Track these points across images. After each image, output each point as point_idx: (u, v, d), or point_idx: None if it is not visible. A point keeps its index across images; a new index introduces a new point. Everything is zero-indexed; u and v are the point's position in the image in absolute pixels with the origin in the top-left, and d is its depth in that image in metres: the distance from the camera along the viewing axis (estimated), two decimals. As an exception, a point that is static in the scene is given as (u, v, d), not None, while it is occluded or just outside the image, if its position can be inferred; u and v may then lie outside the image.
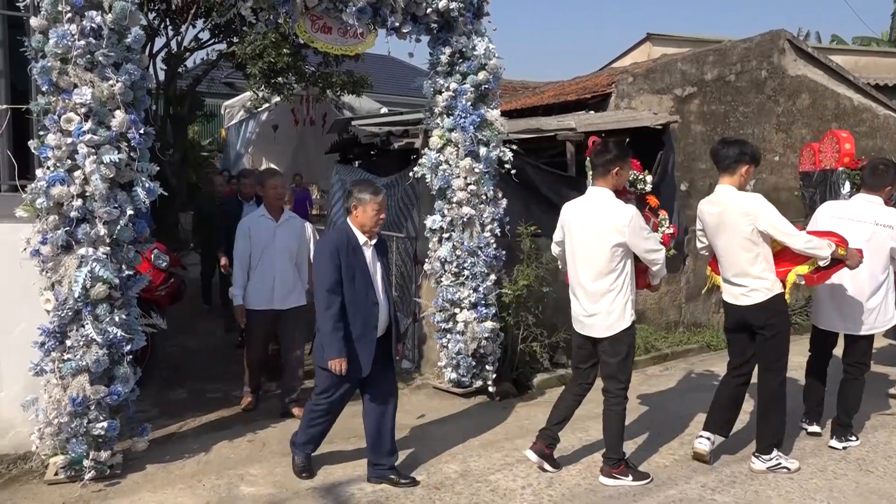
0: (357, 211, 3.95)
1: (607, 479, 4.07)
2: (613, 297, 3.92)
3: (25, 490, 3.96)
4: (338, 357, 3.82)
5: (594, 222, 3.93)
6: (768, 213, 3.96)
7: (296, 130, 13.96)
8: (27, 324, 4.07)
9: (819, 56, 8.68)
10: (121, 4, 3.81)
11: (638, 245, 3.88)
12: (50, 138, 3.80)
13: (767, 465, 4.20)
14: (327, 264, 3.86)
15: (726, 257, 4.14)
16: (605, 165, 3.96)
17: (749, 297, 4.07)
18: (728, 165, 4.10)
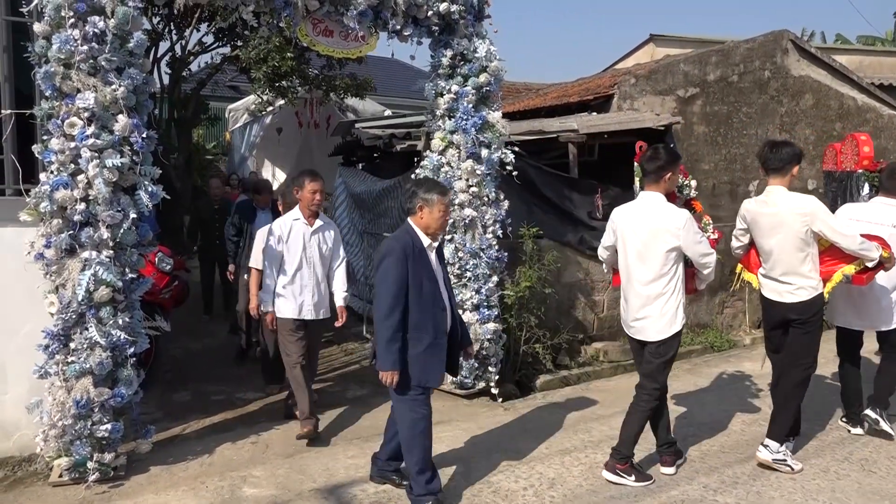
0: (423, 212, 3.73)
1: (610, 474, 4.09)
2: (666, 300, 3.96)
3: (30, 492, 3.99)
4: (391, 370, 3.60)
5: (648, 226, 3.97)
6: (824, 215, 4.10)
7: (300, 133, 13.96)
8: (32, 326, 4.10)
9: (822, 56, 8.66)
10: (123, 10, 3.85)
11: (692, 248, 3.94)
12: (53, 143, 3.84)
13: (774, 456, 4.22)
14: (396, 269, 3.60)
15: (776, 256, 4.21)
16: (656, 171, 4.02)
17: (794, 295, 4.18)
18: (780, 167, 4.18)
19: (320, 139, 13.55)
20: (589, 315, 6.87)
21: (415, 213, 3.75)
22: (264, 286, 4.82)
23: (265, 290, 4.81)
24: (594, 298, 6.88)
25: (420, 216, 3.74)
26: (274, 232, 4.74)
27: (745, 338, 7.65)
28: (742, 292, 7.93)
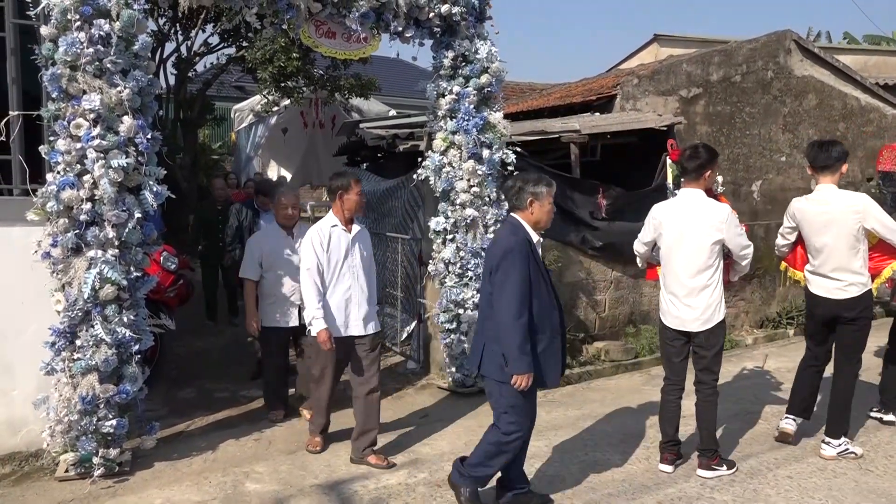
0: (533, 206, 3.59)
1: (706, 472, 4.19)
2: (711, 291, 4.10)
3: (37, 487, 4.05)
4: (527, 372, 3.42)
5: (692, 221, 4.09)
6: (877, 212, 4.23)
7: (305, 133, 14.05)
8: (39, 324, 4.17)
9: (825, 56, 8.67)
10: (128, 13, 3.91)
11: (733, 241, 4.08)
12: (60, 143, 3.91)
13: (837, 450, 4.40)
14: (520, 266, 3.42)
15: (828, 254, 4.33)
16: (697, 169, 4.13)
17: (845, 292, 4.30)
18: (830, 165, 4.30)
19: (325, 139, 13.63)
20: (591, 314, 6.91)
21: (524, 209, 3.60)
22: (311, 300, 4.25)
23: (311, 305, 4.25)
24: (596, 298, 6.91)
25: (530, 211, 3.60)
26: (314, 240, 4.31)
27: (747, 338, 7.67)
28: (742, 292, 7.97)
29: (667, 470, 4.26)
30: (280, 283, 5.01)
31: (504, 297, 3.41)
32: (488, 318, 3.57)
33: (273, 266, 5.01)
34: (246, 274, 5.06)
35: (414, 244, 6.66)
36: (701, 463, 4.22)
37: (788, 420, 4.70)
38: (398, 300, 7.03)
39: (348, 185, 4.37)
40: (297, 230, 5.09)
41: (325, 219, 4.44)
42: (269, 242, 5.08)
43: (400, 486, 4.06)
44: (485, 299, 3.63)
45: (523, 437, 3.67)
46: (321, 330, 4.20)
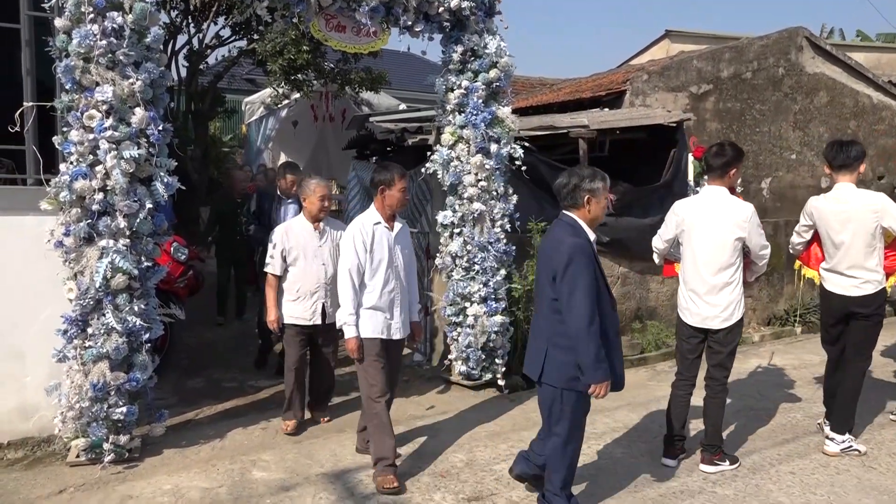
0: (591, 204, 3.46)
1: (709, 467, 4.22)
2: (732, 289, 4.12)
3: (49, 471, 4.13)
4: (605, 380, 3.31)
5: (716, 219, 4.11)
6: (895, 211, 4.28)
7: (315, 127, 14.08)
8: (51, 312, 4.24)
9: (837, 53, 8.62)
10: (141, 5, 3.96)
11: (754, 240, 4.10)
12: (73, 134, 3.96)
13: (841, 447, 4.44)
14: (587, 271, 3.30)
15: (845, 251, 4.38)
16: (723, 167, 4.15)
17: (860, 289, 4.37)
18: (849, 164, 4.37)
19: (336, 132, 13.66)
20: (597, 309, 6.91)
21: (580, 206, 3.46)
22: (347, 303, 4.01)
23: (346, 308, 4.00)
24: (602, 293, 6.92)
25: (588, 209, 3.46)
26: (356, 239, 4.05)
27: (754, 335, 7.67)
28: (750, 290, 7.95)
29: (670, 464, 4.29)
30: (305, 278, 4.71)
31: (575, 305, 3.26)
32: (550, 323, 3.42)
33: (298, 261, 4.73)
34: (269, 268, 4.78)
35: (421, 237, 6.69)
36: (704, 458, 4.25)
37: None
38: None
39: (392, 180, 4.09)
40: (324, 223, 4.79)
41: (366, 215, 4.16)
42: (295, 236, 4.74)
43: (404, 475, 4.10)
44: (546, 303, 3.46)
45: (580, 443, 3.59)
46: (352, 338, 3.98)
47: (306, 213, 4.76)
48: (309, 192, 4.69)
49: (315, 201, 4.69)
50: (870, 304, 4.37)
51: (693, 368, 4.33)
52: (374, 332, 4.05)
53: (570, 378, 3.38)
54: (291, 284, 4.74)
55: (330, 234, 4.77)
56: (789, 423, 5.04)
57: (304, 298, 4.72)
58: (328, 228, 4.77)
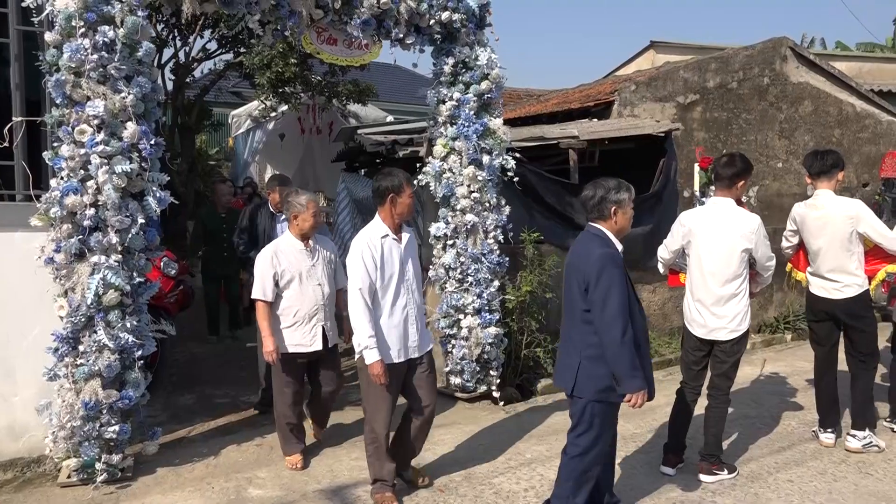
0: (617, 215, 3.43)
1: (708, 476, 4.22)
2: (738, 300, 4.15)
3: (39, 493, 4.05)
4: (642, 389, 3.28)
5: (723, 230, 4.13)
6: (869, 217, 4.42)
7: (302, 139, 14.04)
8: (41, 329, 4.17)
9: (821, 63, 8.73)
10: (132, 19, 3.93)
11: (760, 251, 4.14)
12: (64, 149, 3.91)
13: (862, 443, 4.58)
14: (620, 281, 3.29)
15: (824, 256, 4.53)
16: (731, 178, 4.19)
17: (841, 292, 4.50)
18: (827, 171, 4.52)
19: (322, 145, 13.64)
20: (589, 319, 6.92)
21: (607, 218, 3.43)
22: (363, 326, 3.66)
23: (363, 332, 3.66)
24: (595, 303, 6.93)
25: (614, 220, 3.43)
26: (364, 255, 3.71)
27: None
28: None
29: (669, 472, 4.29)
30: (303, 301, 4.33)
31: (608, 316, 3.24)
32: (582, 335, 3.37)
33: (293, 284, 4.33)
34: (260, 294, 4.32)
35: (414, 249, 6.67)
36: (702, 468, 4.24)
37: (827, 434, 4.75)
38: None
39: (400, 187, 3.77)
40: (313, 240, 4.47)
41: (372, 227, 3.83)
42: (286, 257, 4.34)
43: (402, 491, 4.06)
44: (577, 314, 3.39)
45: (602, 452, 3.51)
46: (375, 362, 3.64)
47: (295, 230, 4.38)
48: (300, 208, 4.34)
49: (308, 218, 4.35)
50: (853, 307, 4.49)
51: (699, 378, 4.35)
52: (390, 357, 3.76)
53: (602, 389, 3.34)
54: (287, 310, 4.34)
55: (320, 252, 4.48)
56: (785, 430, 5.05)
57: (303, 323, 4.35)
58: (317, 245, 4.48)
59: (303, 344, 4.37)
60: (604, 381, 3.32)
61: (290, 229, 4.41)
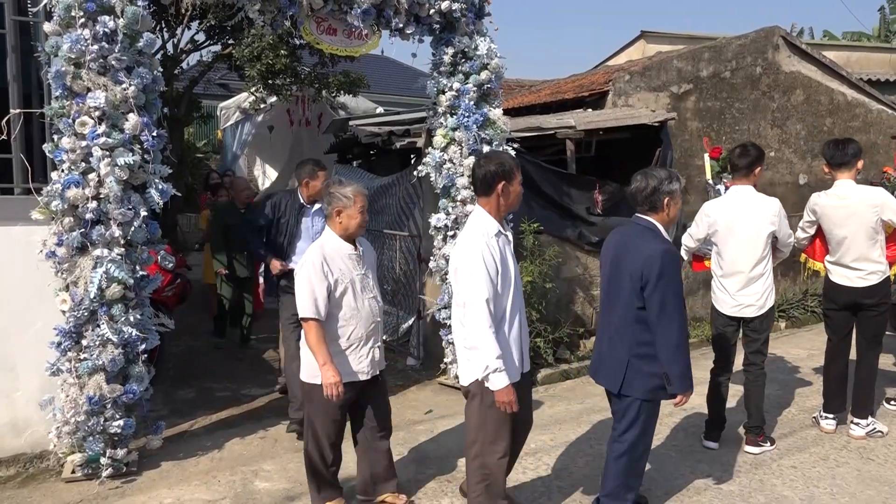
0: (670, 207, 3.37)
1: (754, 448, 4.45)
2: (766, 279, 4.38)
3: (44, 488, 4.01)
4: (691, 389, 3.28)
5: (749, 216, 4.33)
6: (893, 204, 4.47)
7: (291, 131, 13.96)
8: (42, 324, 4.13)
9: (813, 52, 8.78)
10: (133, 9, 3.87)
11: (783, 230, 4.37)
12: (64, 141, 3.86)
13: (866, 430, 4.69)
14: (677, 280, 3.24)
15: (848, 245, 4.58)
16: (748, 166, 4.39)
17: (865, 280, 4.57)
18: (847, 162, 4.56)
19: (312, 136, 13.56)
20: (588, 309, 6.95)
21: (659, 210, 3.36)
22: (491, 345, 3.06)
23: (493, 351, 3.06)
24: (592, 293, 6.95)
25: (666, 212, 3.36)
26: (486, 258, 3.12)
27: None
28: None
29: (713, 447, 4.51)
30: (358, 319, 3.53)
31: (667, 317, 3.18)
32: (633, 332, 3.30)
33: (346, 297, 3.49)
34: (312, 312, 3.39)
35: (413, 241, 6.66)
36: (749, 440, 4.49)
37: (828, 420, 4.83)
38: (397, 296, 7.03)
39: (511, 172, 3.25)
40: (359, 242, 3.67)
41: (482, 223, 3.25)
42: (335, 263, 3.48)
43: (409, 482, 4.07)
44: (628, 312, 3.30)
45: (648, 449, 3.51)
46: (506, 387, 3.08)
47: (339, 228, 3.52)
48: (345, 201, 3.48)
49: (355, 214, 3.50)
50: (876, 294, 4.57)
51: (731, 356, 4.57)
52: (515, 376, 3.25)
53: (653, 388, 3.30)
54: (341, 330, 3.49)
55: (367, 257, 3.70)
56: (786, 417, 5.11)
57: (359, 346, 3.54)
58: (364, 249, 3.68)
59: (359, 371, 3.54)
60: (654, 380, 3.28)
61: (333, 228, 3.55)
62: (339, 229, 3.52)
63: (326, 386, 3.34)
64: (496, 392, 3.09)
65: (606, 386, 3.47)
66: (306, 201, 4.88)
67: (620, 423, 3.42)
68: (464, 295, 3.14)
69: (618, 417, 3.44)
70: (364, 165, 9.68)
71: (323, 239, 3.57)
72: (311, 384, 3.49)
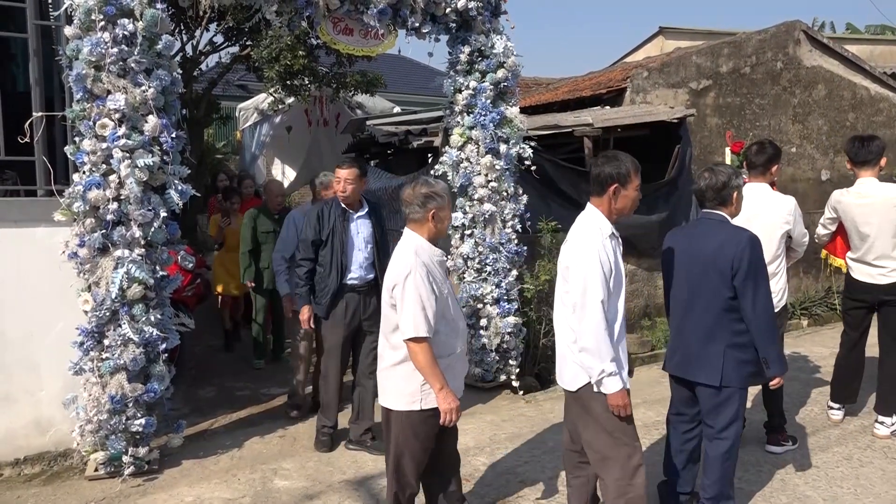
0: (736, 201, 3.47)
1: (776, 447, 4.41)
2: (779, 278, 4.25)
3: (68, 486, 4.07)
4: (786, 370, 3.38)
5: (763, 214, 4.22)
6: None
7: (309, 131, 14.01)
8: (64, 324, 4.19)
9: (834, 46, 8.66)
10: (151, 12, 3.91)
11: (798, 230, 4.27)
12: (85, 144, 3.91)
13: (891, 429, 4.61)
14: (764, 261, 3.37)
15: (871, 243, 4.53)
16: (765, 164, 4.33)
17: (888, 277, 4.52)
18: (871, 160, 4.52)
19: (329, 136, 13.61)
20: (606, 308, 6.91)
21: (729, 204, 3.44)
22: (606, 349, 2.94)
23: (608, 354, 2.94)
24: (611, 291, 6.92)
25: (734, 206, 3.48)
26: (601, 258, 2.97)
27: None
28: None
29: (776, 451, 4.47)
30: (456, 333, 3.22)
31: (760, 300, 3.26)
32: (725, 322, 3.31)
33: (446, 311, 3.15)
34: (425, 330, 2.99)
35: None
36: (771, 439, 4.43)
37: (834, 410, 4.89)
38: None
39: (628, 176, 3.04)
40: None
41: (597, 222, 3.07)
42: (434, 270, 3.11)
43: (428, 480, 4.07)
44: (718, 302, 3.31)
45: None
46: (622, 390, 2.96)
47: (431, 233, 3.17)
48: (439, 200, 3.16)
49: (449, 215, 3.25)
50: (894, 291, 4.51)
51: None
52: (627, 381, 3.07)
53: (748, 375, 3.34)
54: (442, 347, 3.12)
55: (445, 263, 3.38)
56: (808, 416, 5.04)
57: (456, 363, 3.24)
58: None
59: (457, 389, 3.21)
60: (750, 366, 3.32)
61: (421, 232, 3.16)
62: (431, 233, 3.17)
63: (445, 412, 3.05)
64: (609, 396, 2.97)
65: (705, 381, 3.38)
66: (347, 206, 4.47)
67: (719, 418, 3.38)
68: (577, 295, 2.98)
69: (714, 414, 3.40)
70: (381, 165, 9.70)
71: (413, 244, 3.13)
72: (407, 411, 3.14)
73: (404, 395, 3.14)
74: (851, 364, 4.78)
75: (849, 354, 4.80)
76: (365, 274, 4.47)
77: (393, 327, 3.11)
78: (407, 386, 3.13)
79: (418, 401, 3.13)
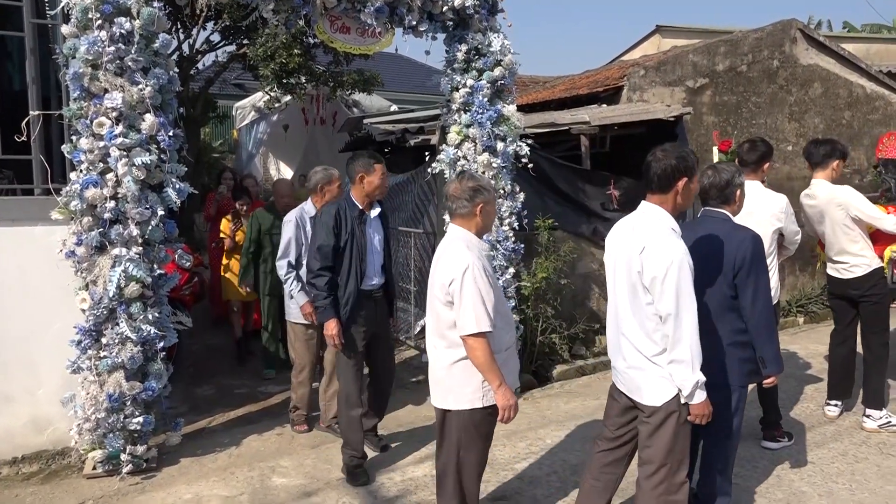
0: (739, 199, 3.47)
1: (772, 443, 4.44)
2: (771, 275, 4.16)
3: (66, 484, 4.07)
4: (782, 371, 3.38)
5: (755, 212, 4.19)
6: (857, 202, 4.53)
7: (306, 130, 14.01)
8: (63, 323, 4.19)
9: (830, 44, 8.69)
10: (148, 10, 3.92)
11: (790, 227, 4.31)
12: (83, 142, 3.91)
13: (879, 423, 4.67)
14: (765, 260, 3.37)
15: (829, 241, 4.70)
16: (757, 161, 4.39)
17: (850, 272, 4.65)
18: (820, 162, 4.64)
19: (326, 135, 13.62)
20: (603, 305, 6.93)
21: (732, 203, 3.45)
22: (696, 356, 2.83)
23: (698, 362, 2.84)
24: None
25: (736, 205, 3.48)
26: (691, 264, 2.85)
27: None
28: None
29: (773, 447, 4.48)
30: (509, 326, 3.23)
31: (760, 298, 3.22)
32: (726, 321, 3.27)
33: (499, 301, 3.11)
34: (486, 323, 2.92)
35: (427, 238, 6.67)
36: (767, 435, 4.46)
37: (830, 406, 4.94)
38: (411, 294, 7.05)
39: (693, 169, 2.96)
40: None
41: (665, 223, 2.90)
42: (486, 264, 3.09)
43: (426, 477, 4.09)
44: (723, 303, 3.26)
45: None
46: (705, 400, 2.89)
47: (479, 227, 3.12)
48: (487, 195, 3.11)
49: (493, 210, 3.20)
50: (861, 285, 4.61)
51: None
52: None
53: (748, 373, 3.31)
54: (496, 342, 3.04)
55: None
56: (804, 412, 5.07)
57: (510, 356, 3.24)
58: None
59: (513, 384, 3.18)
60: (748, 365, 3.29)
61: (468, 227, 3.11)
62: (478, 227, 3.12)
63: (504, 408, 2.99)
64: (695, 405, 2.87)
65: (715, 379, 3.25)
66: (363, 207, 4.15)
67: (722, 420, 3.30)
68: (670, 306, 2.78)
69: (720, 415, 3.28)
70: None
71: (463, 239, 3.06)
72: (470, 409, 3.07)
73: (466, 394, 3.07)
74: (841, 359, 4.85)
75: (837, 349, 4.88)
76: (379, 280, 4.26)
77: (449, 325, 3.02)
78: (468, 383, 3.06)
79: (480, 398, 3.05)
